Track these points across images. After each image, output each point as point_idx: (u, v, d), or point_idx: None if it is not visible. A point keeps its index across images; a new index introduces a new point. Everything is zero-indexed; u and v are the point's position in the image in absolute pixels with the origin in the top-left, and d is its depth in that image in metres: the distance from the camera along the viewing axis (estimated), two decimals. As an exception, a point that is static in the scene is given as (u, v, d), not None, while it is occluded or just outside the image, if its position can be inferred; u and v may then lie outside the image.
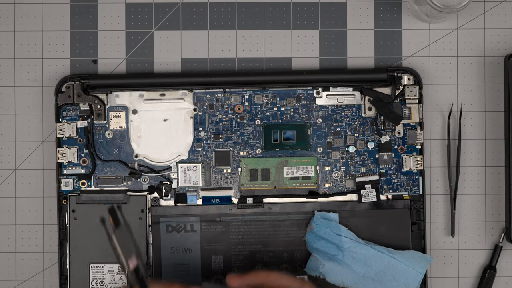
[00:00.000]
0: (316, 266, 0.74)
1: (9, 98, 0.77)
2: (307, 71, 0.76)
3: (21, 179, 0.77)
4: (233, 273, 0.66)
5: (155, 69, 0.77)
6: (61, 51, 0.77)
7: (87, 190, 0.75)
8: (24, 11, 0.77)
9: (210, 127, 0.76)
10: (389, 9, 0.78)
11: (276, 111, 0.76)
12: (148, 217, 0.75)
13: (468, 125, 0.77)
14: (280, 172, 0.75)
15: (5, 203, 0.77)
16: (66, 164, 0.75)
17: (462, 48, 0.77)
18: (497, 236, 0.77)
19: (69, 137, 0.75)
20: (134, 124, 0.75)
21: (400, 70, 0.75)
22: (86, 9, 0.77)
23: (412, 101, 0.75)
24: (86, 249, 0.74)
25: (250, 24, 0.77)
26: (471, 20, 0.77)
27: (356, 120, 0.76)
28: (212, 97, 0.75)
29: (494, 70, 0.77)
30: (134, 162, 0.75)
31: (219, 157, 0.75)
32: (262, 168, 0.75)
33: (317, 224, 0.74)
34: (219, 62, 0.77)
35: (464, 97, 0.77)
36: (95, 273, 0.74)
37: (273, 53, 0.77)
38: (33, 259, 0.77)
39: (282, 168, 0.75)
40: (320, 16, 0.77)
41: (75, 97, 0.75)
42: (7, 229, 0.77)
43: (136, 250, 0.63)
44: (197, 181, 0.75)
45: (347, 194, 0.75)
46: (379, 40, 0.77)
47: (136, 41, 0.77)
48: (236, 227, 0.75)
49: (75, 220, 0.74)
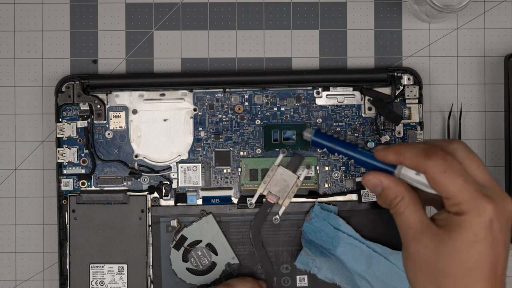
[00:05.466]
0: (307, 261, 0.74)
1: (9, 98, 0.77)
2: (307, 71, 0.76)
3: (21, 179, 0.77)
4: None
5: (155, 69, 0.77)
6: (61, 51, 0.77)
7: (87, 190, 0.75)
8: (24, 11, 0.77)
9: (210, 127, 0.76)
10: (389, 9, 0.78)
11: (276, 111, 0.76)
12: (148, 217, 0.75)
13: (468, 125, 0.77)
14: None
15: (5, 203, 0.77)
16: (66, 164, 0.75)
17: (462, 48, 0.77)
18: (497, 236, 0.77)
19: (69, 137, 0.75)
20: (134, 124, 0.75)
21: (400, 70, 0.75)
22: (86, 9, 0.77)
23: (412, 101, 0.75)
24: (86, 249, 0.74)
25: (250, 24, 0.77)
26: (471, 20, 0.77)
27: (356, 120, 0.76)
28: (212, 97, 0.75)
29: (494, 70, 0.77)
30: (134, 162, 0.75)
31: (219, 157, 0.75)
32: (262, 168, 0.75)
33: (316, 214, 0.74)
34: (219, 62, 0.77)
35: (464, 97, 0.77)
36: (95, 273, 0.74)
37: (273, 53, 0.77)
38: (33, 259, 0.77)
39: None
40: (320, 16, 0.77)
41: (75, 97, 0.75)
42: (7, 229, 0.77)
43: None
44: (197, 181, 0.75)
45: (347, 194, 0.75)
46: (379, 40, 0.77)
47: (136, 41, 0.77)
48: (236, 227, 0.75)
49: (75, 220, 0.74)
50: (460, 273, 0.59)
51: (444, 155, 0.60)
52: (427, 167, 0.60)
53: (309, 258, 0.74)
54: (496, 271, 0.60)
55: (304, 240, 0.74)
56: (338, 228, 0.74)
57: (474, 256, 0.59)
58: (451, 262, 0.59)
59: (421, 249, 0.60)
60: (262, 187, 0.74)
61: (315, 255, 0.74)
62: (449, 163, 0.60)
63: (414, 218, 0.61)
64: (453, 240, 0.59)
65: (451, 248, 0.59)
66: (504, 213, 0.60)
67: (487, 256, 0.59)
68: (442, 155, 0.60)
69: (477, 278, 0.59)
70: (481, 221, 0.59)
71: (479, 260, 0.59)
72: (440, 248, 0.60)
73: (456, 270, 0.59)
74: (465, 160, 0.61)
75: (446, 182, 0.60)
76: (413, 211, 0.61)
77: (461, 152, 0.61)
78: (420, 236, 0.60)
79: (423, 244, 0.60)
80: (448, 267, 0.59)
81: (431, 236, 0.60)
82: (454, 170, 0.60)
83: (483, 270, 0.59)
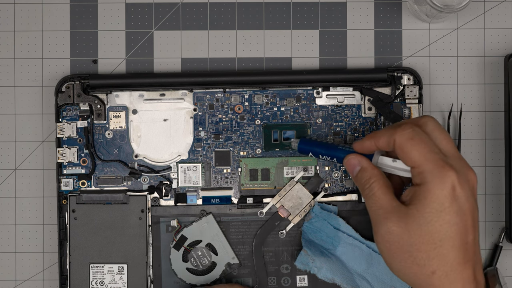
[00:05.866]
0: (307, 261, 0.74)
1: (9, 98, 0.77)
2: (307, 71, 0.76)
3: (21, 179, 0.77)
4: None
5: (155, 69, 0.77)
6: (61, 51, 0.77)
7: (87, 190, 0.75)
8: (24, 11, 0.77)
9: (210, 127, 0.76)
10: (389, 9, 0.78)
11: (276, 111, 0.76)
12: (148, 217, 0.75)
13: (468, 125, 0.77)
14: (280, 172, 0.75)
15: (5, 203, 0.77)
16: (66, 164, 0.75)
17: (462, 48, 0.77)
18: (497, 236, 0.77)
19: (69, 137, 0.75)
20: (134, 124, 0.75)
21: (400, 70, 0.75)
22: (86, 9, 0.77)
23: (412, 101, 0.75)
24: (86, 249, 0.74)
25: (250, 24, 0.77)
26: (471, 20, 0.77)
27: (356, 120, 0.76)
28: (212, 97, 0.75)
29: (494, 70, 0.77)
30: (134, 162, 0.75)
31: (219, 157, 0.75)
32: (262, 168, 0.75)
33: (316, 214, 0.74)
34: (219, 62, 0.77)
35: (464, 97, 0.77)
36: (95, 273, 0.74)
37: (273, 53, 0.77)
38: (33, 259, 0.77)
39: (282, 168, 0.75)
40: (320, 16, 0.77)
41: (75, 97, 0.75)
42: (7, 229, 0.77)
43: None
44: (197, 181, 0.75)
45: (347, 194, 0.75)
46: (379, 40, 0.77)
47: (136, 41, 0.77)
48: (236, 227, 0.75)
49: (75, 220, 0.74)
50: (432, 245, 0.61)
51: (412, 125, 0.63)
52: (396, 135, 0.63)
53: (309, 258, 0.74)
54: (466, 239, 0.62)
55: (304, 240, 0.74)
56: (338, 228, 0.74)
57: (442, 226, 0.61)
58: (422, 235, 0.61)
59: (391, 228, 0.62)
60: (276, 199, 0.74)
61: (315, 255, 0.74)
62: (417, 132, 0.63)
63: (385, 199, 0.63)
64: (421, 213, 0.61)
65: (421, 221, 0.61)
66: (467, 182, 0.62)
67: (455, 225, 0.61)
68: (410, 125, 0.63)
69: (449, 248, 0.61)
70: (444, 189, 0.61)
71: (448, 230, 0.61)
72: (410, 224, 0.61)
73: (427, 243, 0.61)
74: (433, 132, 0.64)
75: (412, 150, 0.62)
76: (385, 193, 0.64)
77: (430, 125, 0.64)
78: (390, 215, 0.63)
79: (393, 223, 0.62)
80: (420, 241, 0.61)
81: (401, 214, 0.62)
82: (421, 138, 0.62)
83: (453, 240, 0.61)
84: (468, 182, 0.62)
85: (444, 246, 0.61)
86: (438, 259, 0.61)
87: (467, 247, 0.62)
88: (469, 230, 0.62)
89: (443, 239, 0.61)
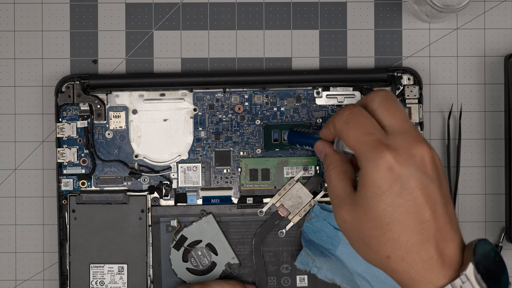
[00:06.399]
0: (307, 261, 0.74)
1: (9, 98, 0.77)
2: (307, 71, 0.76)
3: (21, 179, 0.77)
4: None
5: (155, 69, 0.77)
6: (61, 51, 0.77)
7: (87, 190, 0.75)
8: (24, 11, 0.77)
9: (210, 127, 0.76)
10: (389, 9, 0.78)
11: (276, 111, 0.76)
12: (148, 217, 0.75)
13: (468, 125, 0.77)
14: (280, 172, 0.75)
15: (5, 203, 0.77)
16: (66, 164, 0.75)
17: (462, 48, 0.77)
18: (497, 236, 0.77)
19: (69, 137, 0.75)
20: (134, 124, 0.75)
21: (400, 70, 0.75)
22: (86, 9, 0.77)
23: (412, 101, 0.75)
24: (86, 249, 0.74)
25: (250, 24, 0.77)
26: (471, 20, 0.77)
27: (356, 120, 0.75)
28: (212, 97, 0.75)
29: (494, 70, 0.77)
30: (134, 162, 0.75)
31: (219, 157, 0.75)
32: (262, 168, 0.75)
33: (316, 214, 0.74)
34: (219, 62, 0.77)
35: (464, 97, 0.77)
36: (95, 273, 0.74)
37: (273, 53, 0.77)
38: (33, 259, 0.77)
39: (282, 168, 0.75)
40: (320, 16, 0.77)
41: (75, 97, 0.75)
42: (7, 229, 0.77)
43: None
44: (197, 181, 0.75)
45: (347, 194, 0.75)
46: (379, 40, 0.77)
47: (136, 41, 0.77)
48: (236, 227, 0.75)
49: (75, 220, 0.74)
50: (380, 230, 0.58)
51: (351, 107, 0.60)
52: (335, 121, 0.60)
53: (309, 258, 0.74)
54: (420, 218, 0.57)
55: (304, 240, 0.74)
56: (338, 228, 0.74)
57: (386, 210, 0.57)
58: (369, 222, 0.58)
59: (344, 216, 0.59)
60: (276, 198, 0.74)
61: (315, 255, 0.74)
62: (354, 115, 0.59)
63: (340, 187, 0.61)
64: (364, 198, 0.58)
65: (365, 207, 0.58)
66: (412, 158, 0.58)
67: (400, 206, 0.57)
68: (349, 108, 0.59)
69: (399, 232, 0.57)
70: (379, 172, 0.57)
71: (393, 213, 0.57)
72: (357, 211, 0.58)
73: (376, 228, 0.58)
74: (378, 109, 0.60)
75: (347, 134, 0.59)
76: (340, 180, 0.61)
77: (376, 101, 0.60)
78: (342, 204, 0.60)
79: (345, 211, 0.59)
80: (369, 227, 0.58)
81: (351, 202, 0.59)
82: (357, 120, 0.59)
83: (401, 222, 0.57)
84: (412, 157, 0.57)
85: (393, 230, 0.57)
86: (389, 243, 0.57)
87: (422, 226, 0.57)
88: (422, 208, 0.57)
89: (389, 223, 0.57)
